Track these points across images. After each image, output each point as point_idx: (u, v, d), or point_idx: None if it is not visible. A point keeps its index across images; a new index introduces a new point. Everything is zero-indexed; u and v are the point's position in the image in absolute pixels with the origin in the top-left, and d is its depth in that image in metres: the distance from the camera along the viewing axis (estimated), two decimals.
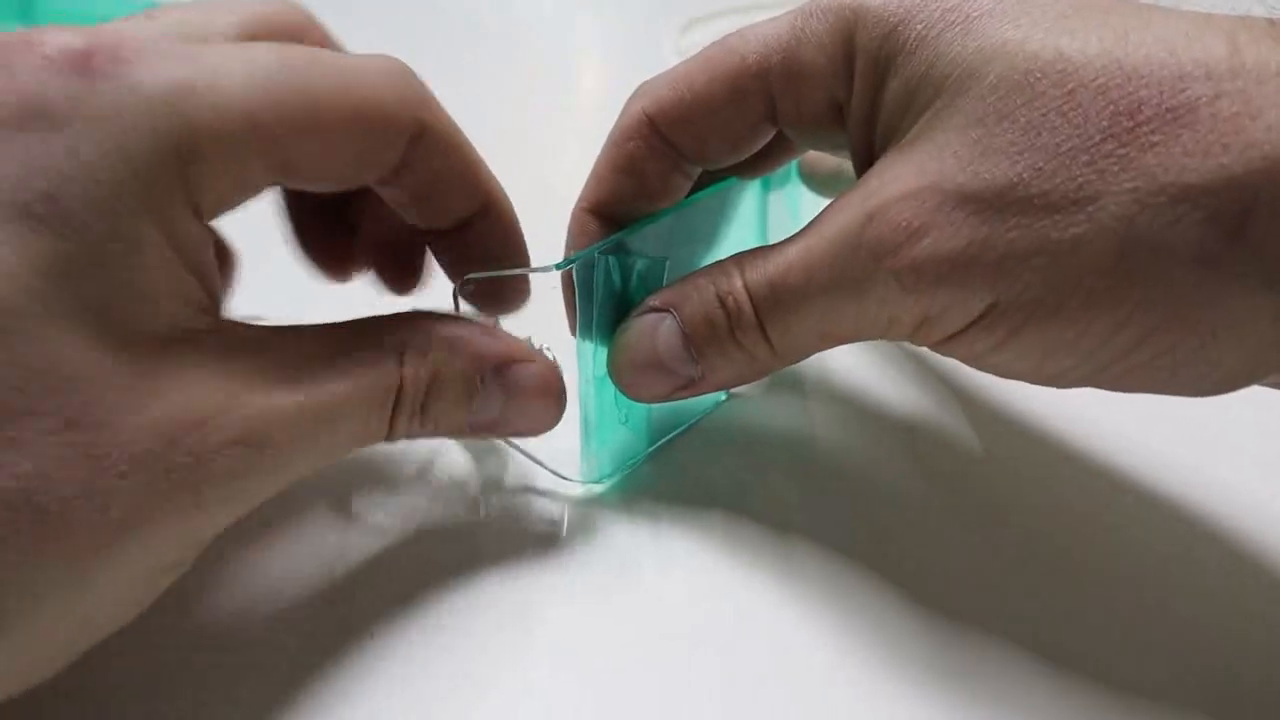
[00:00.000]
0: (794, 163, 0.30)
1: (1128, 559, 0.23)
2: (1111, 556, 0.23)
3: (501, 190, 0.23)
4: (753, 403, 0.29)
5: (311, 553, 0.23)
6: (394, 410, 0.20)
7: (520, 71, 0.60)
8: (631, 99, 0.24)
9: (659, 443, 0.27)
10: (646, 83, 0.24)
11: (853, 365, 0.31)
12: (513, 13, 0.69)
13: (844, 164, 0.32)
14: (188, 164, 0.17)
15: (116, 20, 0.19)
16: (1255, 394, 0.19)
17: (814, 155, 0.30)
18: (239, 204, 0.19)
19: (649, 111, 0.23)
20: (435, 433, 0.21)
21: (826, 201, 0.32)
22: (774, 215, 0.30)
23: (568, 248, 0.25)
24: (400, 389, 0.20)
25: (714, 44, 0.23)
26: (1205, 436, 0.26)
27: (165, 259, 0.17)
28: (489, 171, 0.23)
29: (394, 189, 0.22)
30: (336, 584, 0.22)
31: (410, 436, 0.21)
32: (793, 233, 0.30)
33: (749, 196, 0.28)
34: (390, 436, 0.21)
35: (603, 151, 0.24)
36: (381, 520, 0.24)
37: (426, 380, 0.20)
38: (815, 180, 0.32)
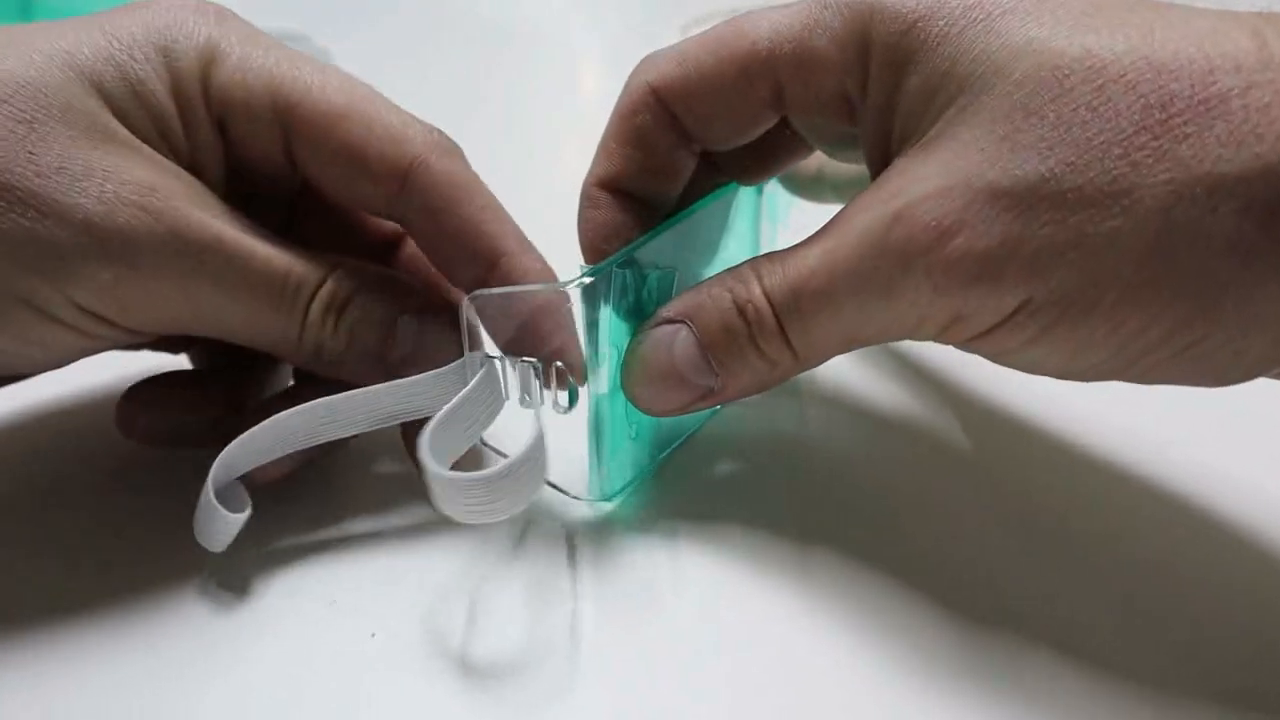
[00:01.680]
0: None
1: (1144, 556, 0.23)
2: (1133, 554, 0.23)
3: (521, 249, 0.24)
4: (751, 409, 0.29)
5: (315, 575, 0.23)
6: (310, 303, 0.22)
7: (520, 73, 0.59)
8: (636, 71, 0.23)
9: (663, 455, 0.26)
10: (651, 55, 0.23)
11: (850, 366, 0.30)
12: (513, 14, 0.68)
13: (825, 166, 0.32)
14: (210, 66, 0.22)
15: None
16: (1263, 388, 0.20)
17: None
18: (269, 159, 0.23)
19: (654, 85, 0.23)
20: (350, 350, 0.23)
21: (806, 204, 0.32)
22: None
23: (579, 223, 0.24)
24: (317, 289, 0.22)
25: (724, 24, 0.22)
26: (1213, 430, 0.27)
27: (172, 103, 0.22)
28: (508, 228, 0.24)
29: (408, 229, 0.24)
30: (341, 613, 0.22)
31: (322, 339, 0.23)
32: (774, 237, 0.30)
33: (745, 203, 0.27)
34: (305, 326, 0.22)
35: (609, 124, 0.24)
36: (391, 543, 0.24)
37: (348, 293, 0.23)
38: (796, 183, 0.32)
